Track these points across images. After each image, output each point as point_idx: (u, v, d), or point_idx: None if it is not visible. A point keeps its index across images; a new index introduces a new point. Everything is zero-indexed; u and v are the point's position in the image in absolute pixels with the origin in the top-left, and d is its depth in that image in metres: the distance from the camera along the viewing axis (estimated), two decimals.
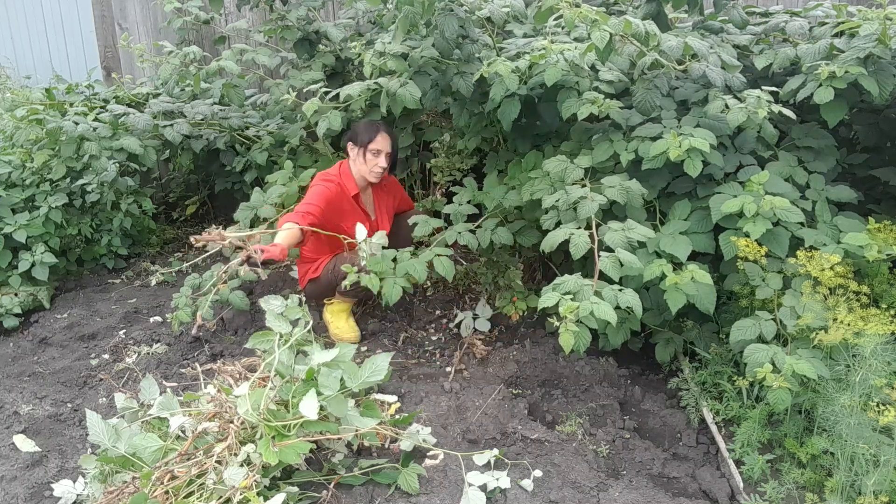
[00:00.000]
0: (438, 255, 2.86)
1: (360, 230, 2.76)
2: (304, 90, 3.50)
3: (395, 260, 2.82)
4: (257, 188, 3.70)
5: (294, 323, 2.61)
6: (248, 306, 3.45)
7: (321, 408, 2.36)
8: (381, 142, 3.22)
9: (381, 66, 2.96)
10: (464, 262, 3.67)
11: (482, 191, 3.18)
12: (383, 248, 2.80)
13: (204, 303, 3.29)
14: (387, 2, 3.32)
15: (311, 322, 2.73)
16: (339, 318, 3.40)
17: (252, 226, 3.55)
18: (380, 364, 2.49)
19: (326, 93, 3.19)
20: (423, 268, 2.79)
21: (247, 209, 3.59)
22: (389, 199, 3.51)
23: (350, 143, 3.28)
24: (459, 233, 2.97)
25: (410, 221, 3.09)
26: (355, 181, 3.30)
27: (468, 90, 3.01)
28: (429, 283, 3.67)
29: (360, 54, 3.14)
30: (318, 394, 2.34)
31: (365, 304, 3.71)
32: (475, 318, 3.39)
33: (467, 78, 3.02)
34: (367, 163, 3.24)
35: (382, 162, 3.24)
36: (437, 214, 3.69)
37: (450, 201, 3.33)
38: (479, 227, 3.05)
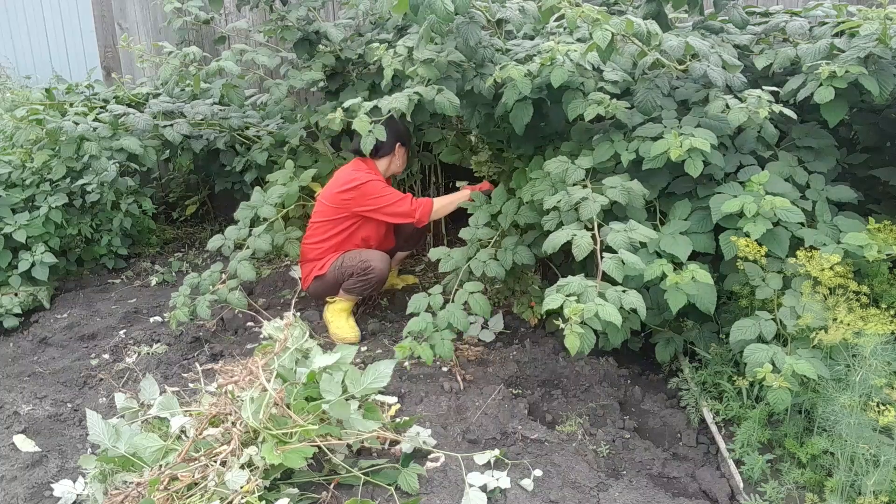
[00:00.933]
0: (472, 293, 2.86)
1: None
2: (305, 90, 3.50)
3: (430, 309, 2.82)
4: (257, 188, 3.71)
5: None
6: (247, 306, 3.45)
7: (323, 411, 2.37)
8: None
9: (411, 73, 2.95)
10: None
11: (491, 203, 3.18)
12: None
13: (202, 302, 3.29)
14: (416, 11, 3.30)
15: (307, 332, 2.74)
16: (339, 318, 3.40)
17: (252, 225, 3.56)
18: (382, 371, 2.49)
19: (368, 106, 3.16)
20: (463, 314, 2.79)
21: (247, 209, 3.59)
22: None
23: (399, 143, 3.47)
24: (484, 262, 2.96)
25: (432, 255, 3.12)
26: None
27: (490, 92, 3.01)
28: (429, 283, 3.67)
29: (374, 59, 3.12)
30: (321, 398, 2.35)
31: (366, 302, 3.71)
32: (484, 327, 3.39)
33: (487, 80, 3.02)
34: (406, 159, 3.58)
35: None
36: None
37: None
38: (498, 248, 3.04)
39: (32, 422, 2.79)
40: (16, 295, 3.79)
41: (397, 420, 2.63)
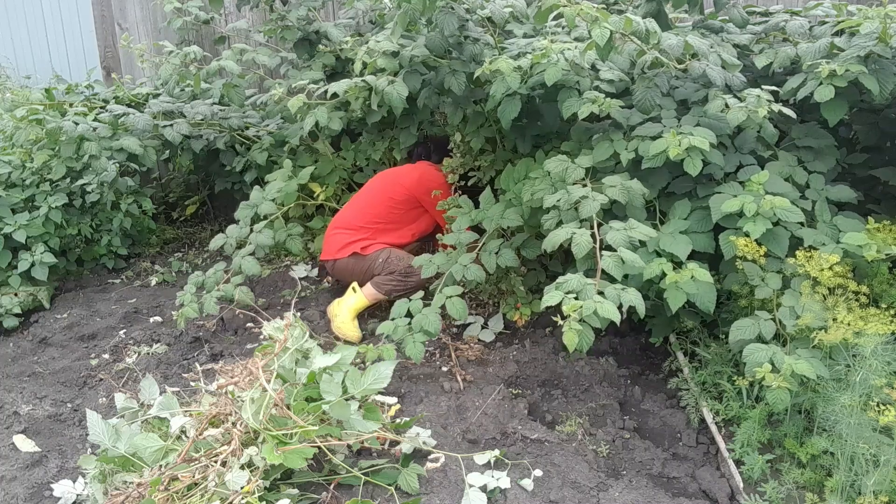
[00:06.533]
0: (450, 297, 2.87)
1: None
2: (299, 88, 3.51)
3: (409, 314, 2.85)
4: (256, 187, 3.71)
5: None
6: (254, 301, 3.47)
7: (323, 412, 2.37)
8: None
9: (372, 63, 2.95)
10: None
11: (479, 209, 3.19)
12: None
13: (210, 298, 3.30)
14: None
15: (307, 332, 2.75)
16: (347, 315, 3.39)
17: (252, 223, 3.56)
18: (383, 372, 2.50)
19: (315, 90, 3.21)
20: (436, 318, 2.80)
21: (247, 207, 3.60)
22: None
23: (447, 156, 3.65)
24: (465, 266, 2.97)
25: (415, 263, 3.17)
26: None
27: (460, 89, 3.01)
28: (429, 285, 3.67)
29: (349, 46, 3.14)
30: (321, 398, 2.35)
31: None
32: (484, 327, 3.39)
33: (459, 76, 3.02)
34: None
35: None
36: None
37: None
38: (481, 249, 3.05)
39: (32, 422, 2.79)
40: (16, 295, 3.79)
41: (397, 420, 2.63)
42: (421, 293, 2.96)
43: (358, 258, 3.44)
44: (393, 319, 2.86)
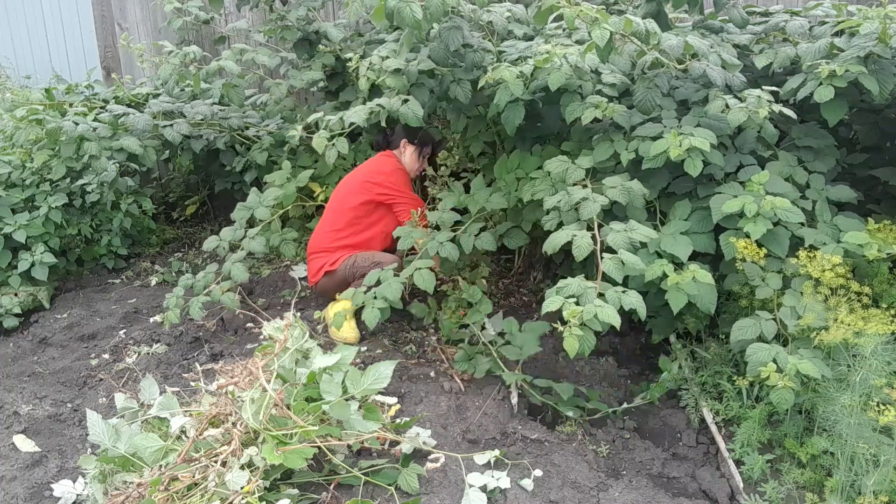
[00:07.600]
0: (419, 269, 2.87)
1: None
2: (305, 90, 3.51)
3: (378, 282, 2.87)
4: (254, 189, 3.71)
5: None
6: (240, 307, 3.46)
7: (323, 412, 2.37)
8: (428, 150, 3.67)
9: (380, 82, 2.95)
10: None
11: (468, 194, 3.18)
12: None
13: (195, 303, 3.29)
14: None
15: (307, 332, 2.75)
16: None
17: (250, 226, 3.56)
18: (383, 372, 2.50)
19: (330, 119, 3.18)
20: (399, 287, 2.83)
21: (243, 209, 3.60)
22: None
23: (406, 139, 3.58)
24: (441, 243, 2.97)
25: (395, 234, 3.20)
26: None
27: (466, 97, 3.02)
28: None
29: (353, 64, 3.12)
30: (321, 398, 2.35)
31: None
32: (484, 327, 3.39)
33: (464, 85, 3.03)
34: (418, 162, 3.63)
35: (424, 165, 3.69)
36: None
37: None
38: (462, 231, 3.03)
39: (32, 422, 2.79)
40: (16, 295, 3.79)
41: (397, 420, 2.63)
42: (394, 265, 3.01)
43: (330, 276, 3.44)
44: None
